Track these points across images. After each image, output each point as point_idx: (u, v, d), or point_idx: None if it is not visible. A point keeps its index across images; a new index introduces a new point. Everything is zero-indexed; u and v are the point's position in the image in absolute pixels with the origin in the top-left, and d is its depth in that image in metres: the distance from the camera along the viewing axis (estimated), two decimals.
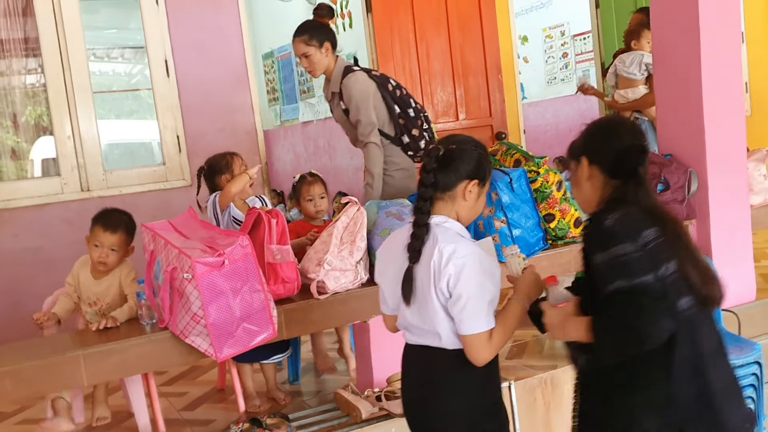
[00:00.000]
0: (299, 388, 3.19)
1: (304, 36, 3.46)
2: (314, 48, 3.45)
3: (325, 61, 3.48)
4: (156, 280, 2.49)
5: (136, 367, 2.41)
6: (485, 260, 1.73)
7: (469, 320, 1.68)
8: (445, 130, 5.21)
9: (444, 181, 1.77)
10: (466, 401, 1.77)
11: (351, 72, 3.47)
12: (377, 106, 3.50)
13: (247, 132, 4.66)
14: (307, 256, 2.76)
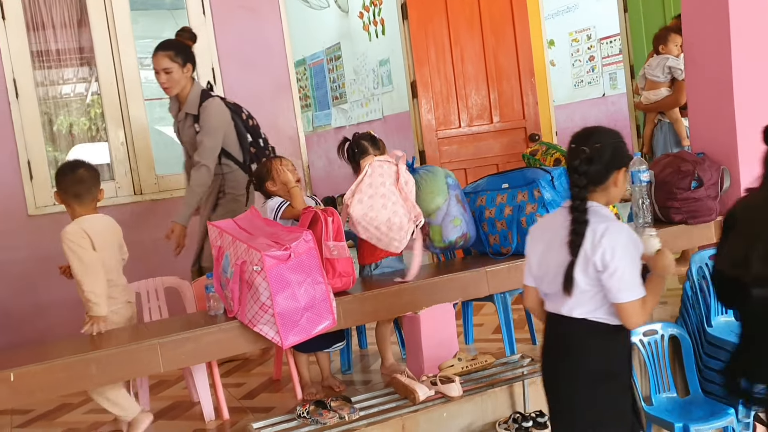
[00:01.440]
0: (351, 377, 3.35)
1: (169, 51, 3.55)
2: (177, 66, 3.55)
3: (183, 81, 3.58)
4: (224, 274, 2.68)
5: (208, 354, 2.59)
6: (633, 236, 1.94)
7: (626, 289, 1.87)
8: (480, 133, 5.37)
9: (596, 178, 1.95)
10: (597, 363, 1.95)
11: (210, 97, 3.62)
12: (229, 134, 3.66)
13: (290, 137, 4.83)
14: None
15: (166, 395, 3.39)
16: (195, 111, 3.60)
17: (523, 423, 2.70)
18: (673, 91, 4.54)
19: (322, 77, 8.79)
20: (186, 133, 3.70)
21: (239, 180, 3.74)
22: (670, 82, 4.58)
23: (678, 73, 4.49)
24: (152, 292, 3.26)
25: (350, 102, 8.13)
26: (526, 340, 3.53)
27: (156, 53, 3.54)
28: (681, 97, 4.46)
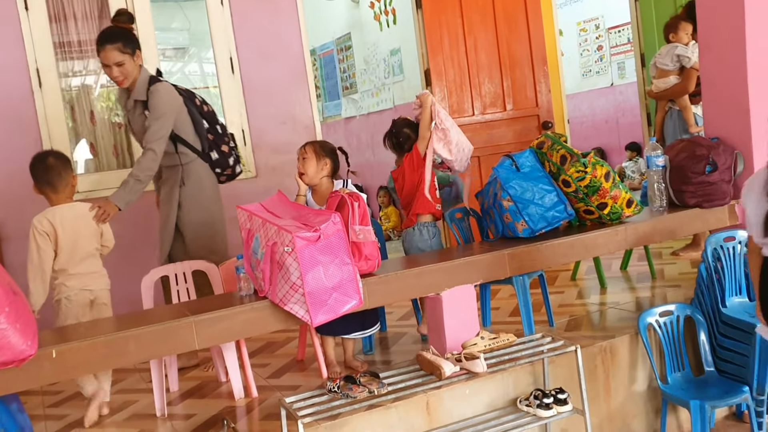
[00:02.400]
0: (373, 358, 3.44)
1: (118, 44, 3.36)
2: (128, 56, 3.39)
3: (135, 70, 3.43)
4: (255, 255, 2.76)
5: (241, 332, 2.68)
6: None
7: None
8: (494, 121, 5.44)
9: None
10: None
11: (158, 81, 3.48)
12: (182, 120, 3.52)
13: (306, 126, 4.91)
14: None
15: (192, 376, 3.48)
16: (144, 97, 3.45)
17: (544, 399, 2.77)
18: (681, 78, 4.62)
19: (332, 67, 8.85)
20: (136, 121, 3.54)
21: (199, 170, 3.63)
22: (679, 70, 4.65)
23: (686, 61, 4.56)
24: (180, 276, 3.34)
25: (360, 92, 8.19)
26: (543, 322, 3.62)
27: (104, 47, 3.35)
28: (689, 84, 4.54)
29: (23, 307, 2.32)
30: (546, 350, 2.85)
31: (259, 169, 4.80)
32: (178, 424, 2.88)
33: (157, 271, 3.29)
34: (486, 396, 2.92)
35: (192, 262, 3.36)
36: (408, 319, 4.07)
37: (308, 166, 3.24)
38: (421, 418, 2.79)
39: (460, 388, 2.84)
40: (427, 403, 2.81)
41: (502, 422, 2.75)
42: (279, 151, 4.72)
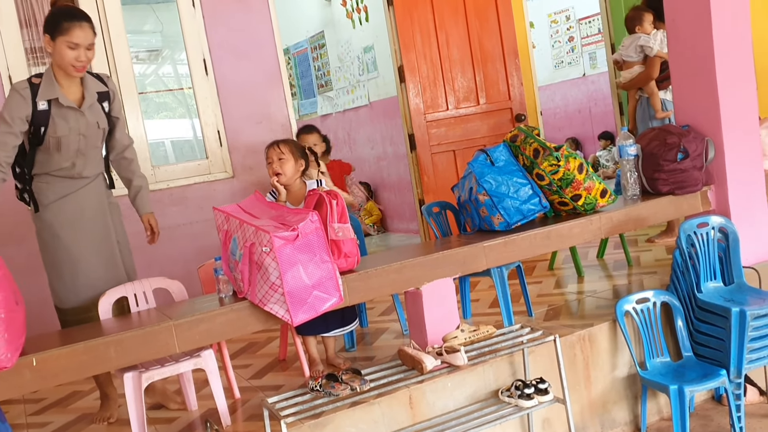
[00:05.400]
0: (355, 355, 3.46)
1: (91, 22, 2.92)
2: (94, 37, 2.95)
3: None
4: (233, 256, 2.76)
5: (222, 334, 2.67)
6: None
7: None
8: (468, 115, 5.47)
9: None
10: None
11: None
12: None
13: (282, 125, 4.90)
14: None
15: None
16: (105, 87, 3.08)
17: (525, 390, 2.81)
18: (645, 66, 4.73)
19: (306, 66, 8.84)
20: (97, 116, 3.03)
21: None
22: (643, 60, 4.76)
23: (649, 51, 4.69)
24: (140, 295, 2.96)
25: (336, 89, 8.19)
26: (522, 313, 3.65)
27: (81, 24, 2.85)
28: (653, 71, 4.68)
29: (19, 319, 2.30)
30: (525, 341, 2.88)
31: (236, 169, 4.79)
32: (161, 427, 2.88)
33: (112, 293, 2.90)
34: (468, 388, 2.94)
35: (154, 279, 3.04)
36: (389, 314, 4.09)
37: (287, 166, 3.24)
38: (404, 413, 2.82)
39: (442, 381, 2.86)
40: (409, 397, 2.83)
41: (484, 414, 2.78)
42: (255, 150, 4.71)
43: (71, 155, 2.96)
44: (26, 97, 2.84)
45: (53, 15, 2.90)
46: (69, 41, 2.82)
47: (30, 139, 2.90)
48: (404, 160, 5.69)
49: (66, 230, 2.96)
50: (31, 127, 2.87)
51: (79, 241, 2.96)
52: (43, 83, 2.87)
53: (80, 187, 3.02)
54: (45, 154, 2.94)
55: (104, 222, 3.07)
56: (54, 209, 2.97)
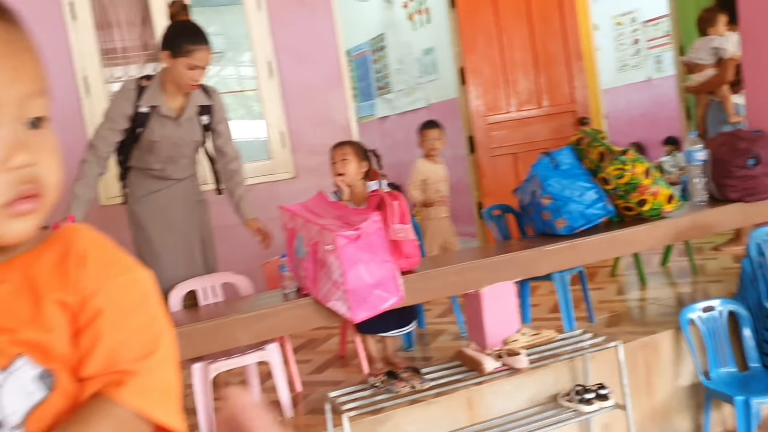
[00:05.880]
0: (413, 355, 3.48)
1: (210, 43, 2.99)
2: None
3: None
4: (297, 254, 2.82)
5: (285, 328, 2.75)
6: None
7: None
8: (529, 117, 5.44)
9: None
10: None
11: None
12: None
13: (342, 127, 4.97)
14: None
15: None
16: (206, 101, 3.15)
17: (585, 395, 2.79)
18: (719, 69, 4.59)
19: (365, 68, 8.91)
20: (194, 129, 3.15)
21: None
22: (716, 63, 4.62)
23: (723, 53, 4.53)
24: (209, 289, 3.09)
25: (395, 92, 8.24)
26: (583, 318, 3.62)
27: (202, 47, 2.94)
28: (727, 74, 4.52)
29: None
30: (587, 346, 2.86)
31: (298, 170, 4.88)
32: None
33: (183, 286, 3.03)
34: (527, 391, 2.94)
35: (221, 274, 3.19)
36: (447, 316, 4.10)
37: (350, 167, 3.30)
38: (463, 413, 2.83)
39: (501, 383, 2.87)
40: (468, 398, 2.85)
41: (543, 417, 2.77)
42: (317, 152, 4.79)
43: (162, 159, 3.09)
44: (130, 98, 2.97)
45: (176, 34, 2.97)
46: (190, 63, 2.89)
47: (128, 135, 3.04)
48: (463, 162, 5.68)
49: (152, 224, 3.10)
50: (130, 126, 3.00)
51: (162, 235, 3.09)
52: (150, 89, 3.00)
53: (170, 185, 3.15)
54: (139, 152, 3.08)
55: (189, 219, 3.20)
56: (143, 203, 3.12)
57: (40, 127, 0.67)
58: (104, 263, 0.68)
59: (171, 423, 0.67)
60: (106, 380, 0.65)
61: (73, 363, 0.65)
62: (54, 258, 0.67)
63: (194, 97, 3.09)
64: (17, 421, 0.63)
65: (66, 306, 0.65)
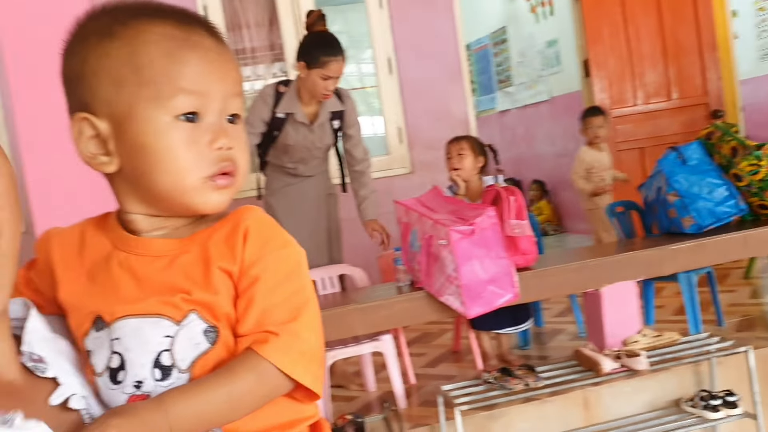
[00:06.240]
0: (529, 353, 3.44)
1: (345, 54, 3.09)
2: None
3: None
4: (412, 248, 2.87)
5: (399, 320, 2.80)
6: None
7: None
8: (657, 111, 5.21)
9: None
10: None
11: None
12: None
13: (461, 121, 4.96)
14: None
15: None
16: (339, 107, 3.26)
17: (711, 401, 2.65)
18: None
19: (485, 62, 8.83)
20: (325, 134, 3.26)
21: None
22: None
23: None
24: (326, 280, 3.27)
25: (516, 85, 8.11)
26: (710, 322, 3.43)
27: (337, 58, 3.04)
28: None
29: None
30: (714, 350, 2.72)
31: (414, 165, 4.92)
32: (342, 404, 3.05)
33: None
34: (647, 395, 2.83)
35: (339, 266, 3.33)
36: (566, 316, 4.01)
37: (466, 162, 3.29)
38: (579, 414, 2.77)
39: (620, 385, 2.78)
40: (585, 399, 2.78)
41: (664, 422, 2.66)
42: (433, 147, 4.81)
43: (295, 160, 3.27)
44: (268, 103, 3.14)
45: (312, 45, 3.07)
46: (324, 74, 3.01)
47: (266, 136, 3.22)
48: None
49: (283, 216, 3.27)
50: (267, 128, 3.19)
51: (293, 227, 3.21)
52: (287, 96, 3.15)
53: (301, 181, 3.32)
54: (275, 151, 3.27)
55: (318, 213, 3.35)
56: (277, 196, 3.32)
57: (235, 122, 0.80)
58: (264, 239, 0.78)
59: (304, 380, 0.75)
60: (254, 338, 0.75)
61: (233, 322, 0.76)
62: (225, 233, 0.77)
63: (327, 103, 3.20)
64: (185, 366, 0.74)
65: (230, 273, 0.76)
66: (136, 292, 0.76)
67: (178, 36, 0.75)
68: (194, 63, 0.75)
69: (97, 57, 0.75)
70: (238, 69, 0.81)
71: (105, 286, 0.77)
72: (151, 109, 0.74)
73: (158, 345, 0.74)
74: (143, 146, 0.74)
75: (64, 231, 0.83)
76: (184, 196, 0.76)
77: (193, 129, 0.75)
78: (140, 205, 0.79)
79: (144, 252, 0.78)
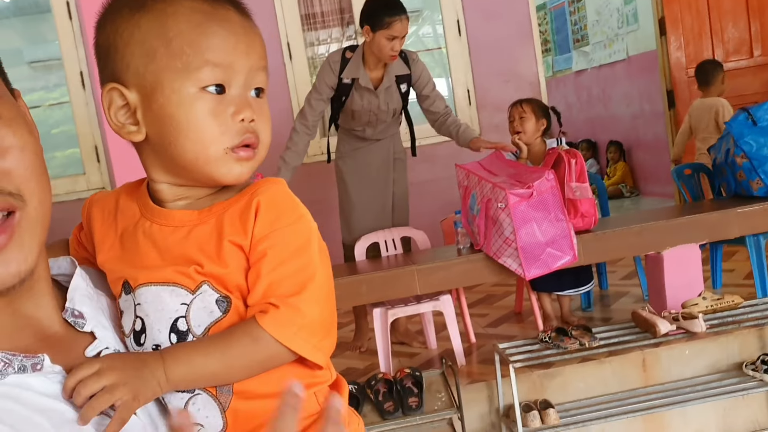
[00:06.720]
0: (591, 315, 3.47)
1: (407, 13, 3.08)
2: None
3: None
4: (471, 211, 2.93)
5: (458, 281, 2.89)
6: None
7: None
8: (738, 69, 5.01)
9: None
10: None
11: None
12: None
13: (530, 83, 4.92)
14: None
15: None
16: (406, 70, 3.29)
17: None
18: None
19: (562, 21, 8.62)
20: (391, 97, 3.30)
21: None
22: None
23: None
24: (389, 241, 3.34)
25: (592, 44, 7.90)
26: None
27: (401, 17, 3.05)
28: None
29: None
30: None
31: (483, 127, 4.93)
32: (404, 360, 3.18)
33: (367, 237, 3.30)
34: (707, 358, 2.83)
35: (401, 229, 3.40)
36: (631, 279, 3.99)
37: (528, 125, 3.30)
38: (637, 375, 2.80)
39: (679, 347, 2.79)
40: (643, 360, 2.80)
41: (724, 385, 2.66)
42: (502, 109, 4.78)
43: (362, 124, 3.36)
44: (334, 69, 3.22)
45: (375, 8, 3.09)
46: (389, 34, 3.04)
47: (335, 100, 3.32)
48: (661, 119, 5.38)
49: (351, 179, 3.39)
50: (335, 94, 3.28)
51: (360, 189, 3.37)
52: (352, 62, 3.21)
53: (370, 144, 3.40)
54: (344, 115, 3.38)
55: (386, 176, 3.43)
56: (346, 159, 3.43)
57: (260, 96, 0.82)
58: (274, 214, 0.79)
59: (302, 351, 0.79)
60: (257, 309, 0.79)
61: (245, 292, 0.80)
62: (241, 207, 0.79)
63: (392, 68, 3.23)
64: (200, 332, 0.78)
65: (241, 247, 0.79)
66: (157, 260, 0.80)
67: (206, 9, 0.78)
68: (221, 36, 0.77)
69: (128, 29, 0.77)
70: (263, 44, 0.83)
71: (131, 253, 0.82)
72: (178, 80, 0.76)
73: (175, 312, 0.78)
74: (170, 116, 0.77)
75: (105, 197, 0.89)
76: (207, 166, 0.78)
77: (218, 101, 0.77)
78: (165, 174, 0.82)
79: (165, 222, 0.81)
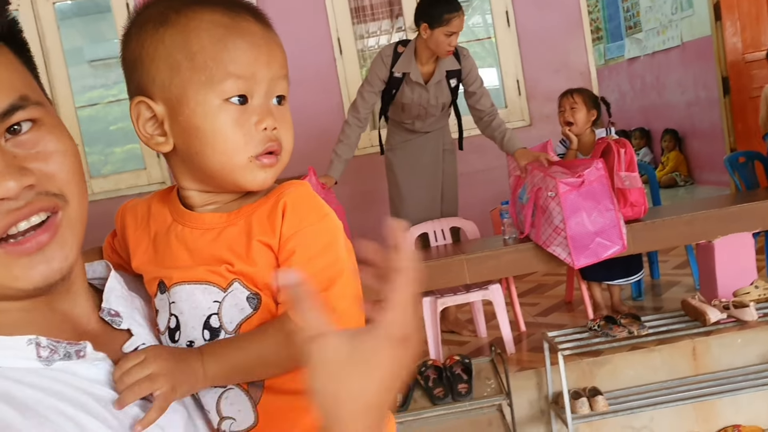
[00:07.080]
0: (642, 304, 3.47)
1: (462, 9, 3.11)
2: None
3: None
4: (520, 200, 2.98)
5: (506, 271, 2.94)
6: None
7: None
8: None
9: None
10: None
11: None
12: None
13: (581, 72, 4.90)
14: None
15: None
16: (457, 65, 3.32)
17: None
18: None
19: (615, 8, 8.49)
20: (440, 93, 3.36)
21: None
22: None
23: None
24: (438, 232, 3.39)
25: (645, 31, 7.77)
26: None
27: (458, 13, 3.09)
28: None
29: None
30: None
31: (533, 117, 4.94)
32: (453, 347, 3.25)
33: (417, 228, 3.34)
34: (760, 347, 2.81)
35: (450, 219, 3.45)
36: (683, 268, 3.96)
37: (578, 115, 3.31)
38: (686, 363, 2.80)
39: (730, 336, 2.78)
40: (693, 348, 2.81)
41: None
42: (552, 99, 4.76)
43: (411, 117, 3.42)
44: (386, 63, 3.28)
45: (432, 5, 3.11)
46: (447, 30, 3.07)
47: (385, 94, 3.39)
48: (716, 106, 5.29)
49: (401, 170, 3.45)
50: (386, 87, 3.35)
51: (410, 180, 3.45)
52: (404, 56, 3.26)
53: (419, 136, 3.45)
54: (395, 107, 3.44)
55: (435, 168, 3.48)
56: (396, 151, 3.50)
57: (281, 104, 0.83)
58: (301, 214, 0.82)
59: None
60: (287, 305, 0.79)
61: (275, 290, 0.81)
62: (268, 208, 0.82)
63: (444, 63, 3.26)
64: (232, 328, 0.81)
65: (270, 246, 0.80)
66: (189, 261, 0.83)
67: (226, 23, 0.79)
68: (242, 49, 0.79)
69: (153, 43, 0.80)
70: (283, 53, 0.84)
71: (165, 255, 0.85)
72: (202, 92, 0.78)
73: (207, 309, 0.81)
74: (195, 127, 0.79)
75: (137, 204, 0.92)
76: (233, 174, 0.81)
77: (241, 111, 0.79)
78: (194, 182, 0.84)
79: (196, 225, 0.84)
